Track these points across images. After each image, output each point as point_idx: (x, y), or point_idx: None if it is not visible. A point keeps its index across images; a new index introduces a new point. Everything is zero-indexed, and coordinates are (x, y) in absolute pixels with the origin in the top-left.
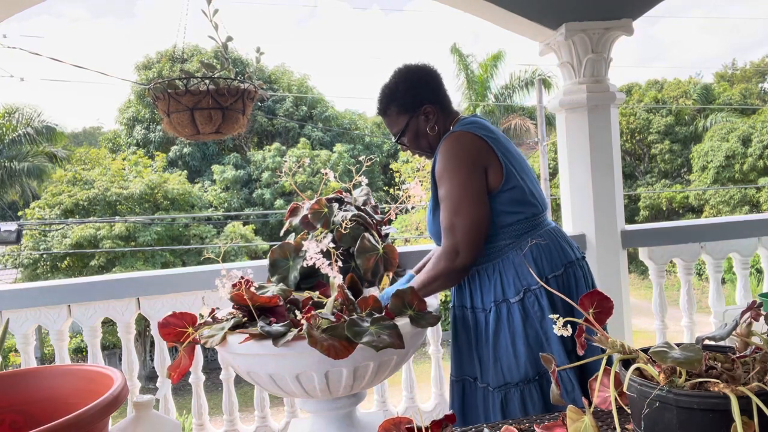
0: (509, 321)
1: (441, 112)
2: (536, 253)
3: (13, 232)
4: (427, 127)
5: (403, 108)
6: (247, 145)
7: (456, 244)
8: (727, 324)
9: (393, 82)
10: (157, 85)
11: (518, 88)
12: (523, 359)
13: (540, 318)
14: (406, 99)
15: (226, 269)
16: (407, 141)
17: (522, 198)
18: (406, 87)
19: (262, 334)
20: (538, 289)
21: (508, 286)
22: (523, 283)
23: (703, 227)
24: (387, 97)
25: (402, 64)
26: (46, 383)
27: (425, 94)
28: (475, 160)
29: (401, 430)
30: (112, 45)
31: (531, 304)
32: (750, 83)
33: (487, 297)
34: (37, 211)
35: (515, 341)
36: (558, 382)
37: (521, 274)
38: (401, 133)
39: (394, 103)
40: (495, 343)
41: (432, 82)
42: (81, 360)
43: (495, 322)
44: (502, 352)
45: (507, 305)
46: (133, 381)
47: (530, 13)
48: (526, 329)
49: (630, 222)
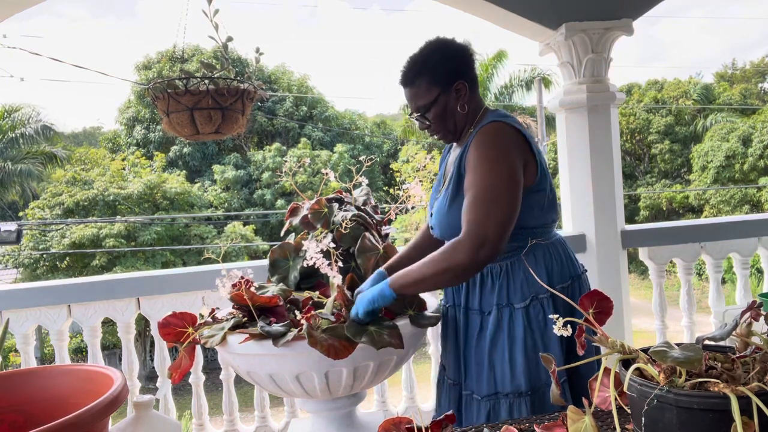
0: (510, 327)
1: (471, 93)
2: (548, 261)
3: (13, 232)
4: (457, 105)
5: (435, 80)
6: (248, 145)
7: (485, 235)
8: (727, 324)
9: (427, 52)
10: (156, 85)
11: (518, 87)
12: (518, 370)
13: (542, 329)
14: (440, 70)
15: (226, 269)
16: (432, 117)
17: (548, 203)
18: (442, 58)
19: (262, 334)
20: (546, 297)
21: (514, 290)
22: (531, 290)
23: (703, 227)
24: (418, 65)
25: (435, 37)
26: (46, 383)
27: (461, 69)
28: (517, 152)
29: (401, 430)
30: (112, 45)
31: (536, 312)
32: (750, 83)
33: (489, 299)
34: (37, 211)
35: (513, 350)
36: (558, 383)
37: (530, 279)
38: (428, 108)
39: (426, 72)
40: (491, 349)
41: (467, 58)
42: (81, 360)
43: (494, 326)
44: (498, 359)
45: (510, 310)
46: (133, 381)
47: (530, 13)
48: (526, 338)
49: (630, 222)
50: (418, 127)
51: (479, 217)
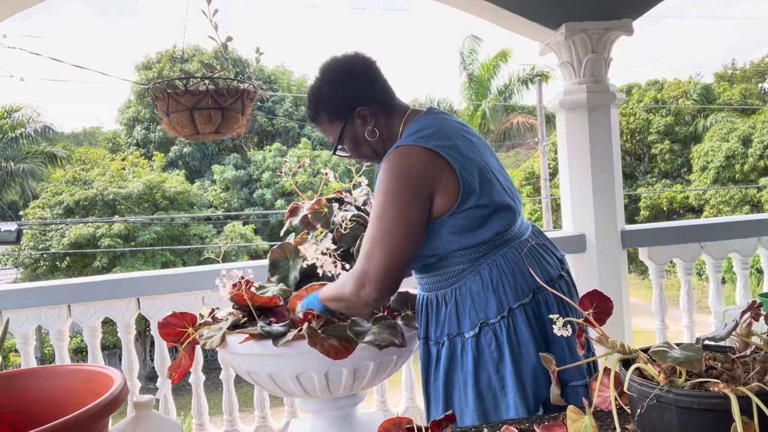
0: (462, 359)
1: (381, 111)
2: (495, 280)
3: (13, 232)
4: (365, 132)
5: (334, 113)
6: (247, 145)
7: (365, 276)
8: (727, 324)
9: (317, 85)
10: (156, 85)
11: (517, 87)
12: (471, 409)
13: (497, 360)
14: (335, 102)
15: (226, 269)
16: (348, 150)
17: (482, 216)
18: (333, 89)
19: (262, 334)
20: (496, 322)
21: (463, 317)
22: (480, 316)
23: (703, 227)
24: (313, 102)
25: (328, 58)
26: (46, 383)
27: (355, 96)
28: (420, 184)
29: (401, 430)
30: (112, 45)
31: (487, 342)
32: (750, 83)
33: (441, 328)
34: (37, 211)
35: (466, 385)
36: (558, 383)
37: (478, 304)
38: (340, 140)
39: (321, 107)
40: (447, 382)
41: (361, 79)
42: (81, 360)
43: (447, 358)
44: (456, 394)
45: (462, 340)
46: (133, 381)
47: (530, 13)
48: (477, 373)
49: (630, 222)
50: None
51: (362, 256)
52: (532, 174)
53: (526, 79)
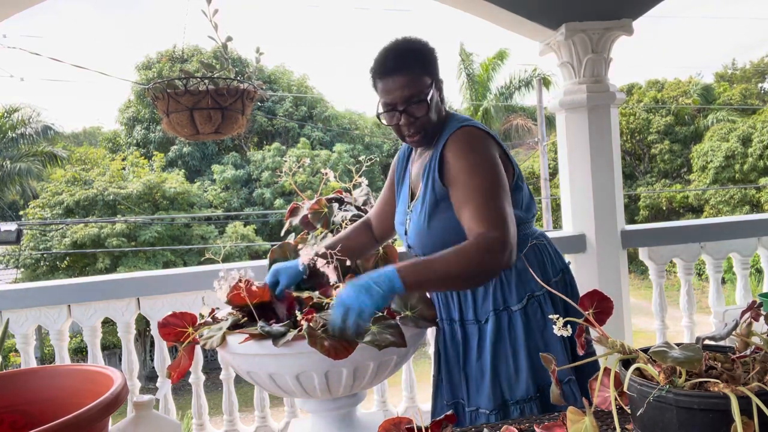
0: (510, 331)
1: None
2: (539, 257)
3: (13, 232)
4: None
5: (429, 69)
6: (247, 145)
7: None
8: (727, 324)
9: (419, 41)
10: (156, 85)
11: (517, 87)
12: (524, 374)
13: (542, 327)
14: (434, 61)
15: (226, 269)
16: (418, 111)
17: (528, 201)
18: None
19: (261, 334)
20: (542, 295)
21: (509, 293)
22: (526, 289)
23: (703, 227)
24: (411, 52)
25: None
26: (46, 383)
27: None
28: (497, 156)
29: (401, 430)
30: (113, 45)
31: (534, 312)
32: (750, 83)
33: (484, 306)
34: (38, 210)
35: (517, 354)
36: (558, 382)
37: (524, 279)
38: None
39: (420, 59)
40: (494, 357)
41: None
42: (81, 360)
43: (494, 333)
44: (503, 367)
45: (508, 314)
46: (133, 381)
47: (530, 13)
48: (528, 340)
49: (630, 222)
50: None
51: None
52: (532, 174)
53: (528, 81)
